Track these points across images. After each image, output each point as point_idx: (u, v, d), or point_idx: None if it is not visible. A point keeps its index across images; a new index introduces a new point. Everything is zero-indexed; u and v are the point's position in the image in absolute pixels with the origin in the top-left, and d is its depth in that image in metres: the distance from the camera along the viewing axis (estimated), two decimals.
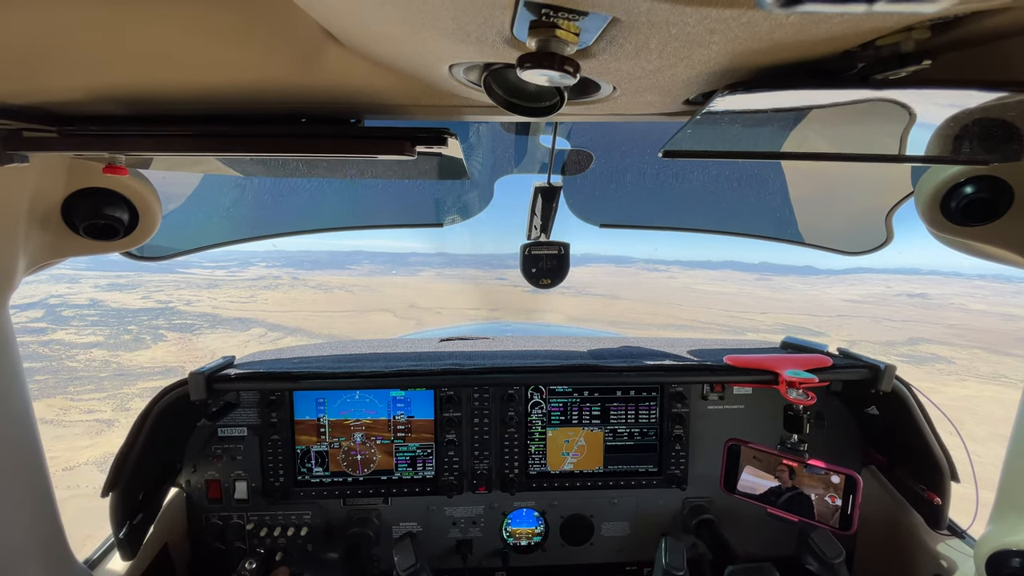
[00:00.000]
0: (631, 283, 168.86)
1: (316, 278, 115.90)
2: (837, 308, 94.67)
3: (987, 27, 0.65)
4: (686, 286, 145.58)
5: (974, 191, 1.23)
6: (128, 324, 47.11)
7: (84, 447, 17.27)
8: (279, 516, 1.94)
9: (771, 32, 0.59)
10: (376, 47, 0.77)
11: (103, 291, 68.05)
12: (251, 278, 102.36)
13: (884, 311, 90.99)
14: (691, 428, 2.02)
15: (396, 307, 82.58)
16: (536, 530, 2.05)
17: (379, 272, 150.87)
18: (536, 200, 1.69)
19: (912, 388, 1.74)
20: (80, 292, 65.34)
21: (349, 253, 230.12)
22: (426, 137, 1.00)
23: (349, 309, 79.39)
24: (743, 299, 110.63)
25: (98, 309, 54.77)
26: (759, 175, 1.92)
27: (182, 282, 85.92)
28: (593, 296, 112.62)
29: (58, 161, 1.22)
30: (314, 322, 62.17)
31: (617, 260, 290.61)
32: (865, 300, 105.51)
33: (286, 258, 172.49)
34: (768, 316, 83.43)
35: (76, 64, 0.81)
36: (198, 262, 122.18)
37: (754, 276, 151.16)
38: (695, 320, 77.81)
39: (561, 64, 0.59)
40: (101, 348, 36.82)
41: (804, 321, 78.66)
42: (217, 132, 0.99)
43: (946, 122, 0.81)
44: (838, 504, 1.56)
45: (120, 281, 76.94)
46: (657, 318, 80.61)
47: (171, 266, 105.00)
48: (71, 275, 78.27)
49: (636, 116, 1.01)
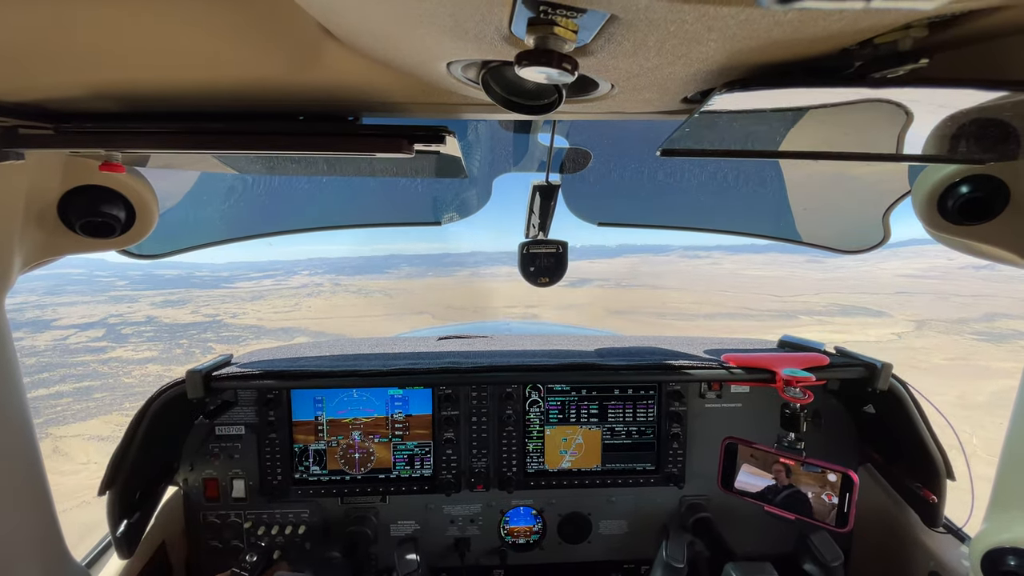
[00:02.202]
0: (672, 272, 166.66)
1: (356, 283, 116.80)
2: (896, 284, 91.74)
3: (984, 26, 0.65)
4: (732, 272, 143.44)
5: (970, 190, 1.23)
6: (180, 338, 48.70)
7: None
8: (277, 515, 1.94)
9: (769, 30, 0.59)
10: (374, 44, 0.76)
11: (158, 308, 69.74)
12: (295, 287, 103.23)
13: (949, 286, 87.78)
14: (689, 426, 2.02)
15: (434, 309, 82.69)
16: (534, 528, 2.05)
17: (416, 275, 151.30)
18: (534, 198, 1.69)
19: (908, 386, 1.75)
20: (139, 310, 67.08)
21: (386, 257, 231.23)
22: (424, 135, 1.00)
23: (388, 313, 79.80)
24: (793, 282, 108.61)
25: (153, 325, 56.28)
26: (757, 173, 1.92)
27: (227, 296, 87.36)
28: (633, 287, 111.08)
29: (54, 158, 1.21)
30: (356, 328, 62.56)
31: (655, 249, 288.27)
32: (926, 275, 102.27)
33: (327, 264, 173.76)
34: (822, 297, 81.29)
35: (72, 61, 0.81)
36: (244, 274, 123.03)
37: (804, 258, 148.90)
38: (744, 308, 76.14)
39: (559, 61, 0.59)
40: (155, 363, 37.91)
41: (861, 300, 76.06)
42: (214, 130, 0.98)
43: (943, 121, 0.81)
44: (835, 502, 1.56)
45: (172, 298, 78.79)
46: (703, 307, 79.04)
47: (216, 281, 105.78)
48: (131, 296, 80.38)
49: (634, 114, 1.01)
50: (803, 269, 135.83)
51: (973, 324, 50.89)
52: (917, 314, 62.33)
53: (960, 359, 36.79)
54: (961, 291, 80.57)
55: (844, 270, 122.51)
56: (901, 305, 69.48)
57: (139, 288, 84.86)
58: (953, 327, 50.36)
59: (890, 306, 68.29)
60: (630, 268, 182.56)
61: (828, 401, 2.00)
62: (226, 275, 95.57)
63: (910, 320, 55.96)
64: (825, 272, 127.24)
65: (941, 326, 51.27)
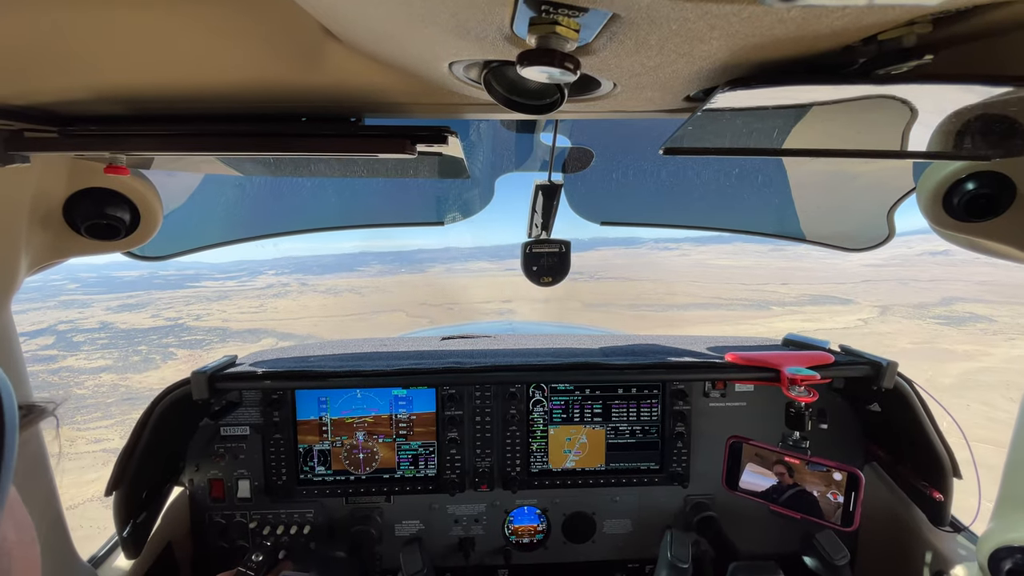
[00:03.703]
0: (644, 264, 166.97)
1: (325, 282, 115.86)
2: (861, 273, 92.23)
3: (989, 22, 0.65)
4: (700, 262, 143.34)
5: (976, 187, 1.22)
6: (138, 344, 46.83)
7: (90, 481, 16.31)
8: (282, 515, 1.95)
9: (772, 27, 0.59)
10: (376, 45, 0.76)
11: (113, 312, 67.60)
12: (260, 287, 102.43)
13: (909, 272, 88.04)
14: (693, 425, 2.02)
15: (407, 306, 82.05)
16: (538, 527, 2.05)
17: (388, 272, 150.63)
18: (537, 198, 1.69)
19: (914, 384, 1.74)
20: (91, 316, 64.88)
21: (356, 255, 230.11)
22: (426, 135, 1.00)
23: (360, 312, 78.98)
24: (759, 272, 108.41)
25: (108, 331, 54.56)
26: (761, 171, 1.91)
27: (192, 297, 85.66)
28: (607, 280, 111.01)
29: (59, 161, 1.22)
30: (325, 327, 61.86)
31: (626, 242, 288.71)
32: (888, 263, 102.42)
33: (294, 264, 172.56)
34: (791, 287, 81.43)
35: (76, 65, 0.81)
36: (208, 274, 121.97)
37: (767, 247, 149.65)
38: (717, 297, 75.91)
39: (561, 61, 0.59)
40: (110, 372, 36.39)
41: (830, 290, 75.99)
42: (217, 131, 0.99)
43: (948, 118, 0.81)
44: (840, 501, 1.56)
45: (130, 301, 76.56)
46: (677, 298, 78.89)
47: (181, 281, 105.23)
48: (83, 300, 78.12)
49: (637, 113, 1.01)
50: (767, 258, 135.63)
51: (933, 308, 51.14)
52: (880, 300, 62.72)
53: (925, 343, 36.95)
54: (920, 276, 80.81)
55: (808, 259, 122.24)
56: (866, 293, 69.82)
57: (92, 292, 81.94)
58: (915, 311, 50.46)
59: (857, 294, 68.65)
60: (603, 261, 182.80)
61: (833, 399, 1.99)
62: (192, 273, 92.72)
63: (874, 306, 56.09)
64: (788, 261, 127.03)
65: (903, 311, 51.30)
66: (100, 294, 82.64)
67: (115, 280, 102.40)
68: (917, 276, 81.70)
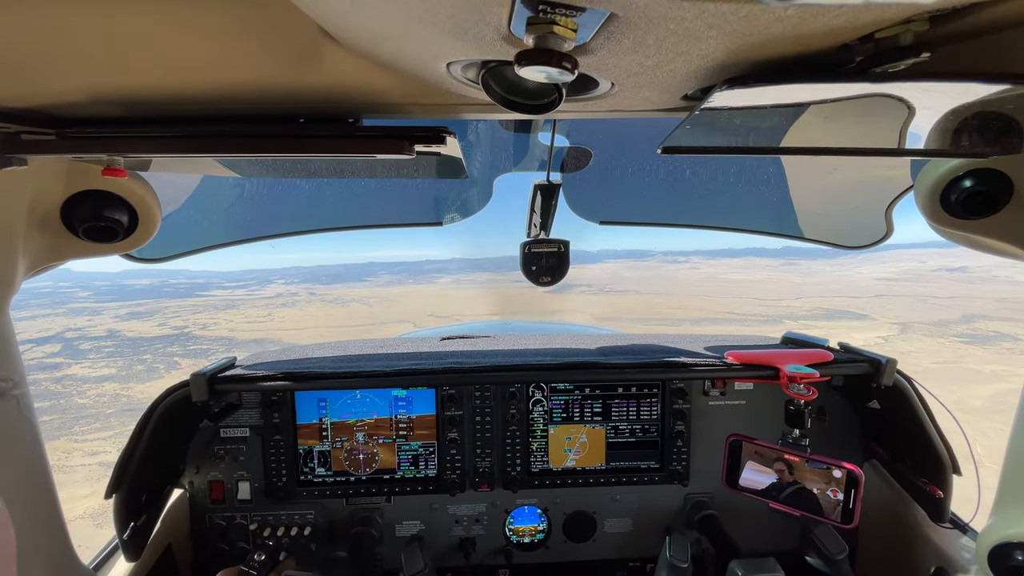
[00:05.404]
0: (653, 277, 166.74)
1: (333, 292, 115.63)
2: (874, 288, 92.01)
3: (985, 19, 0.65)
4: (711, 276, 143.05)
5: (973, 184, 1.22)
6: (143, 353, 46.58)
7: (83, 496, 16.18)
8: (282, 516, 1.94)
9: (769, 26, 0.59)
10: (373, 46, 0.76)
11: (122, 320, 67.21)
12: (269, 296, 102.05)
13: (925, 288, 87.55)
14: (693, 424, 2.02)
15: (415, 317, 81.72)
16: (539, 527, 2.05)
17: (396, 282, 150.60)
18: (535, 198, 1.69)
19: (913, 381, 1.74)
20: (100, 324, 64.51)
21: (365, 265, 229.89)
22: (424, 136, 1.00)
23: (367, 322, 78.66)
24: (772, 286, 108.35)
25: (115, 340, 54.21)
26: (758, 170, 1.91)
27: (200, 305, 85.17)
28: (616, 294, 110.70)
29: (57, 164, 1.22)
30: (332, 338, 61.88)
31: (636, 255, 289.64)
32: (901, 278, 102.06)
33: (304, 273, 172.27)
34: (803, 302, 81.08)
35: (73, 66, 0.81)
36: (218, 282, 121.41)
37: (779, 261, 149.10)
38: (730, 312, 75.56)
39: (559, 60, 0.59)
40: (113, 381, 36.08)
41: (843, 304, 75.65)
42: (215, 133, 0.98)
43: (945, 115, 0.81)
44: (840, 498, 1.56)
45: (139, 309, 76.13)
46: (689, 312, 78.53)
47: (191, 289, 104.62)
48: (93, 308, 77.76)
49: (634, 112, 1.01)
50: (779, 272, 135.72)
51: (954, 326, 50.61)
52: (899, 316, 62.20)
53: (949, 362, 36.49)
54: (937, 293, 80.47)
55: (821, 274, 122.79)
56: (882, 308, 69.36)
57: (103, 300, 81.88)
58: (936, 329, 50.08)
59: (872, 309, 68.09)
60: (612, 274, 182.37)
61: (832, 397, 1.99)
62: (202, 282, 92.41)
63: (893, 323, 55.83)
64: (801, 276, 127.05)
65: (924, 328, 51.02)
66: (111, 302, 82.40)
67: (127, 288, 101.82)
68: (935, 293, 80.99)
